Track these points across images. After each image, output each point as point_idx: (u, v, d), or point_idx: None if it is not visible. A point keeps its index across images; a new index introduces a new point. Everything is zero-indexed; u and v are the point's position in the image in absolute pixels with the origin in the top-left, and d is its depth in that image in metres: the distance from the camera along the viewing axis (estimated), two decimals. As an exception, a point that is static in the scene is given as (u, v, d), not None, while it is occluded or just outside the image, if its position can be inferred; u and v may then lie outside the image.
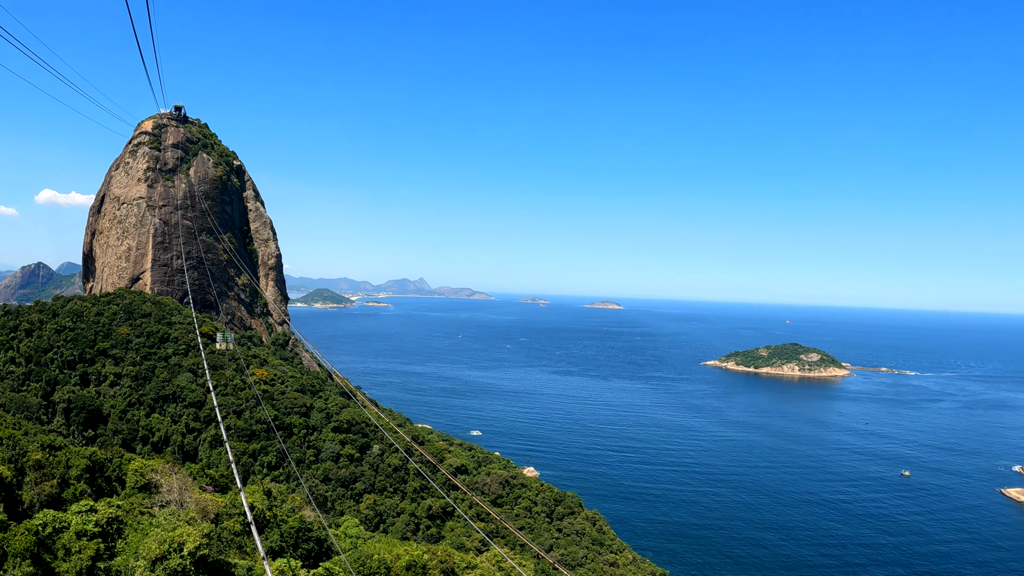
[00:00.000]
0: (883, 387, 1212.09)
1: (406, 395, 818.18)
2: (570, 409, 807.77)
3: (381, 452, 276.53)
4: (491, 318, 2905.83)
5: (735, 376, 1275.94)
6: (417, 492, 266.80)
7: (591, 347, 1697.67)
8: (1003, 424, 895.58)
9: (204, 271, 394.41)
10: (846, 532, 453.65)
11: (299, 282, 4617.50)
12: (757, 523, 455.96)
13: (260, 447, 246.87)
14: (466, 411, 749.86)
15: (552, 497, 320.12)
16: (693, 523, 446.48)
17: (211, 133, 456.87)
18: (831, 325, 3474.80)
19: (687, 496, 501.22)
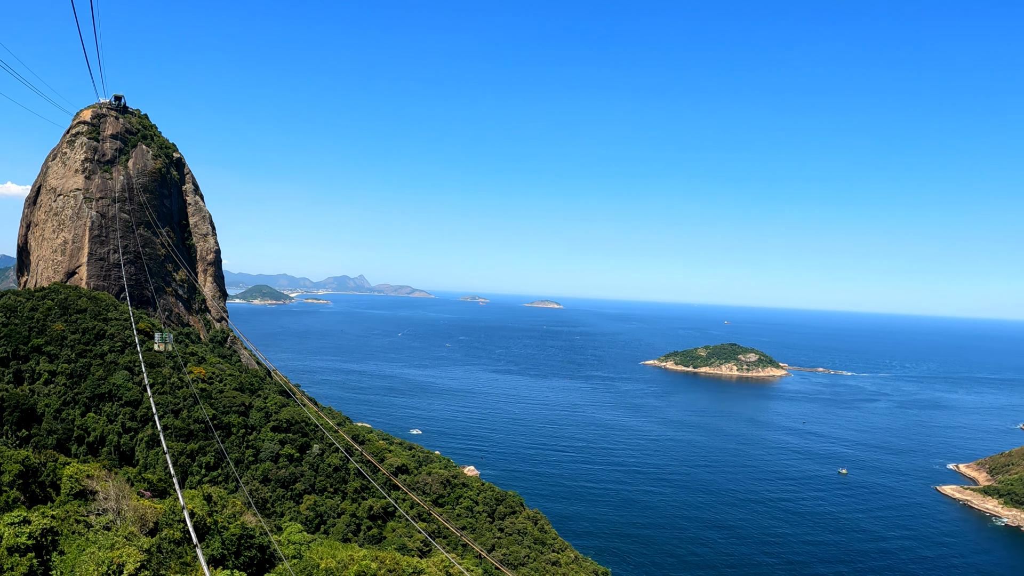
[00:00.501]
0: (820, 387, 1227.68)
1: (346, 393, 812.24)
2: (510, 408, 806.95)
3: (321, 452, 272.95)
4: (431, 316, 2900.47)
5: (674, 375, 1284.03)
6: (358, 492, 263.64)
7: (531, 346, 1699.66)
8: (937, 423, 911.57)
9: (142, 266, 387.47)
10: (787, 530, 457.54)
11: (238, 278, 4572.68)
12: (699, 522, 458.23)
13: (198, 447, 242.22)
14: (406, 410, 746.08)
15: (493, 497, 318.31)
16: (635, 522, 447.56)
17: (151, 124, 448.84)
18: (768, 326, 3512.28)
19: (628, 495, 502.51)
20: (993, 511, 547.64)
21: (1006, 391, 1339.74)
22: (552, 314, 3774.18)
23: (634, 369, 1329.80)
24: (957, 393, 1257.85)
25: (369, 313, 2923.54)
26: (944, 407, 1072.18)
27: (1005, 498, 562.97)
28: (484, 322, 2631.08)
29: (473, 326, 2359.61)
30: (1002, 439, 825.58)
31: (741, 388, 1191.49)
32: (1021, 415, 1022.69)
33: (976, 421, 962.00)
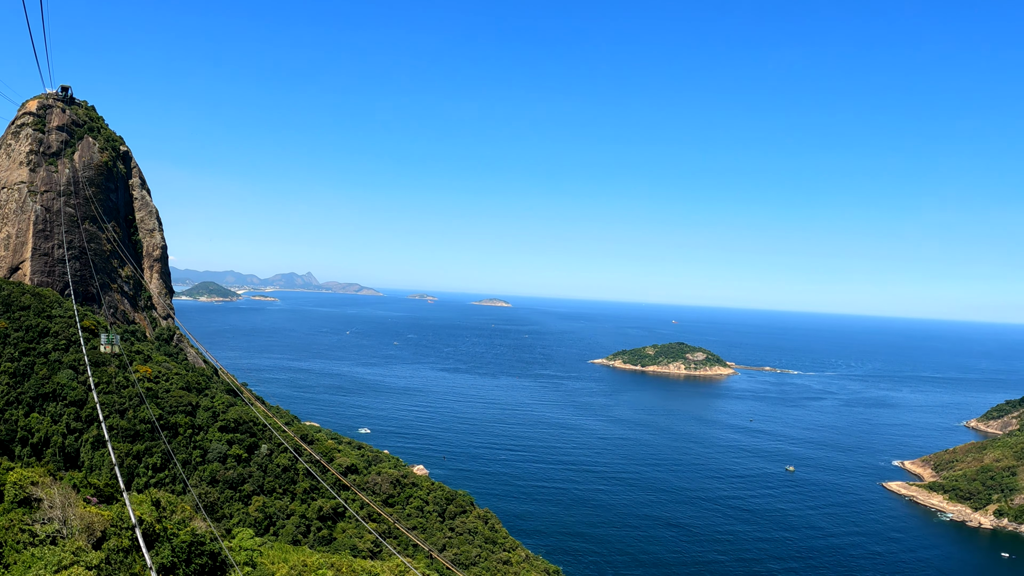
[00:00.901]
0: (767, 385, 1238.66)
1: (293, 392, 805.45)
2: (459, 407, 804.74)
3: (270, 452, 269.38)
4: (379, 314, 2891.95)
5: (623, 374, 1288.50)
6: (307, 493, 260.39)
7: (480, 344, 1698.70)
8: (882, 421, 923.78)
9: (87, 262, 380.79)
10: (738, 528, 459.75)
11: (184, 274, 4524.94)
12: (649, 520, 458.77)
13: (145, 448, 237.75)
14: (355, 409, 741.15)
15: (444, 496, 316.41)
16: (586, 521, 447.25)
17: (98, 116, 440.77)
18: (716, 325, 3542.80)
19: (579, 494, 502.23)
20: (938, 506, 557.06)
21: (949, 390, 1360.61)
22: (500, 312, 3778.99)
23: (582, 368, 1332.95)
24: (902, 392, 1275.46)
25: (317, 311, 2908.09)
26: (889, 405, 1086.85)
27: (950, 494, 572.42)
28: (433, 320, 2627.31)
29: (422, 324, 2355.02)
30: (946, 436, 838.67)
31: (689, 386, 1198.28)
32: (964, 413, 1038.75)
33: (920, 419, 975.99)
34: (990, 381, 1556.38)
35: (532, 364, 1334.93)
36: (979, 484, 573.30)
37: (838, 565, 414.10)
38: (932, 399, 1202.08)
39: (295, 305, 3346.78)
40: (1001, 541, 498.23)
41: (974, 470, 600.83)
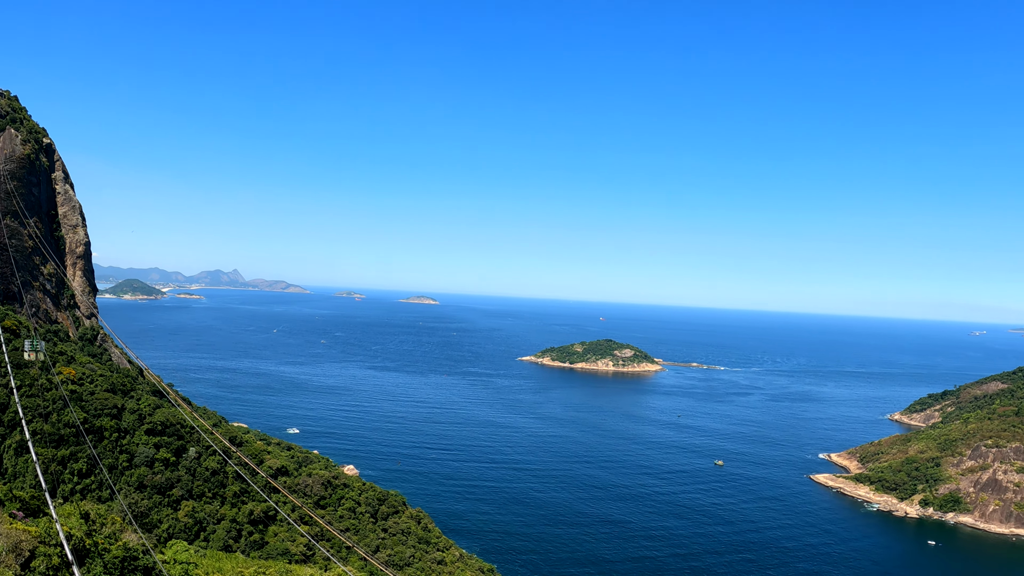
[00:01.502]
0: (695, 381, 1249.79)
1: (221, 392, 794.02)
2: (389, 405, 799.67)
3: (198, 455, 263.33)
4: (306, 312, 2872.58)
5: (551, 371, 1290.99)
6: (237, 496, 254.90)
7: (408, 342, 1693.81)
8: (808, 415, 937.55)
9: (8, 259, 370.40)
10: (670, 523, 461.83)
11: (108, 271, 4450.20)
12: (582, 517, 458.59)
13: (70, 453, 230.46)
14: (283, 408, 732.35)
15: (375, 497, 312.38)
16: (518, 519, 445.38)
17: (21, 107, 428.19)
18: (643, 322, 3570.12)
19: (511, 493, 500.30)
20: (865, 497, 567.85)
21: (873, 384, 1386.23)
22: (428, 310, 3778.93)
23: (511, 365, 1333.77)
24: (826, 386, 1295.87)
25: (243, 309, 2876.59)
26: (815, 399, 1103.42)
27: (876, 484, 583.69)
28: (360, 318, 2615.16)
29: (349, 322, 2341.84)
30: (871, 429, 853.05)
31: (617, 383, 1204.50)
32: (888, 406, 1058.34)
33: (845, 412, 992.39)
34: (912, 376, 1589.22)
35: (461, 362, 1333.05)
36: (904, 475, 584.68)
37: (772, 557, 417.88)
38: (856, 393, 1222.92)
39: (221, 303, 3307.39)
40: (927, 529, 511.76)
41: (899, 461, 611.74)
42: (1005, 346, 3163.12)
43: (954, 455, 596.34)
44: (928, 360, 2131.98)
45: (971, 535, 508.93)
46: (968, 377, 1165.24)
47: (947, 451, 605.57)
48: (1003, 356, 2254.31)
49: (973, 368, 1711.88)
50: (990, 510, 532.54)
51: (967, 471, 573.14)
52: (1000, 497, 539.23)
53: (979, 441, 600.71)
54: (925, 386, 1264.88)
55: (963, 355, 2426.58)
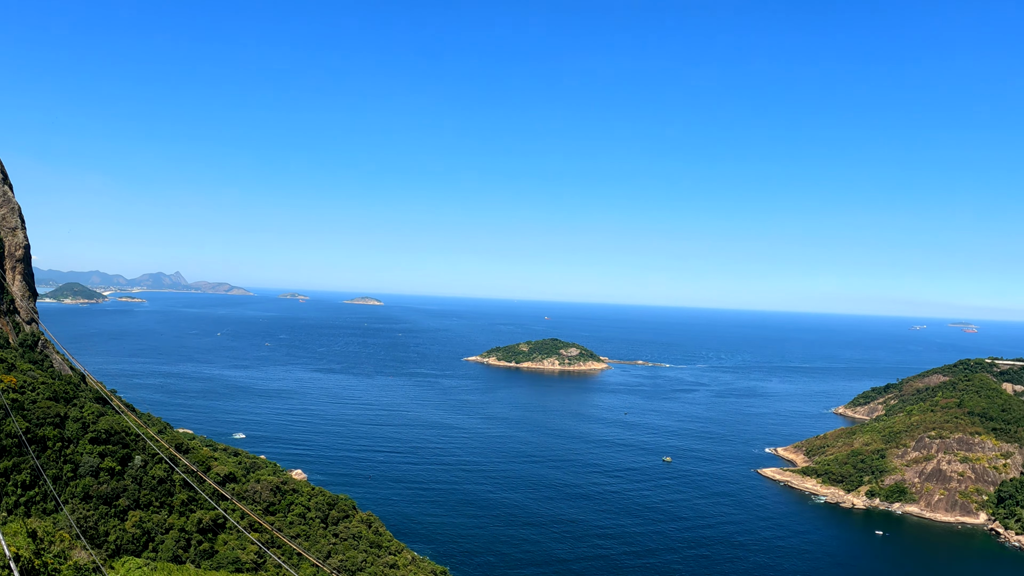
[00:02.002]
0: (641, 379, 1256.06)
1: (165, 397, 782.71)
2: (335, 408, 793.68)
3: (144, 463, 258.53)
4: (250, 314, 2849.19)
5: (497, 371, 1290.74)
6: (185, 505, 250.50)
7: (353, 344, 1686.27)
8: (754, 410, 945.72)
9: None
10: (620, 521, 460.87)
11: (48, 275, 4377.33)
12: (534, 517, 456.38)
13: (12, 464, 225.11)
14: (228, 413, 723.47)
15: (325, 501, 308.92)
16: (470, 521, 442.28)
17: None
18: (588, 320, 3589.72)
19: (462, 494, 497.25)
20: (813, 490, 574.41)
21: (817, 378, 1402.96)
22: (373, 311, 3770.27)
23: (457, 365, 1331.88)
24: (771, 381, 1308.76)
25: (186, 312, 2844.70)
26: (760, 395, 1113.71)
27: (823, 477, 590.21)
28: (305, 320, 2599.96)
29: (294, 324, 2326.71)
30: (816, 423, 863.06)
31: (564, 382, 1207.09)
32: (832, 400, 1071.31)
33: (791, 407, 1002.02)
34: (855, 370, 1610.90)
35: (407, 363, 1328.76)
36: (850, 467, 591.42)
37: (725, 552, 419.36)
38: (801, 388, 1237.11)
39: (164, 306, 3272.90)
40: (874, 520, 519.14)
41: (845, 454, 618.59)
42: (944, 340, 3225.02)
43: (899, 447, 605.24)
44: (870, 354, 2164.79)
45: (918, 524, 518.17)
46: (910, 370, 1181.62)
47: (892, 443, 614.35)
48: (943, 350, 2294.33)
49: (914, 362, 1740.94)
50: (935, 499, 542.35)
51: (912, 462, 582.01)
52: (945, 486, 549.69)
53: (923, 433, 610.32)
54: (868, 380, 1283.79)
55: (904, 349, 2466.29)
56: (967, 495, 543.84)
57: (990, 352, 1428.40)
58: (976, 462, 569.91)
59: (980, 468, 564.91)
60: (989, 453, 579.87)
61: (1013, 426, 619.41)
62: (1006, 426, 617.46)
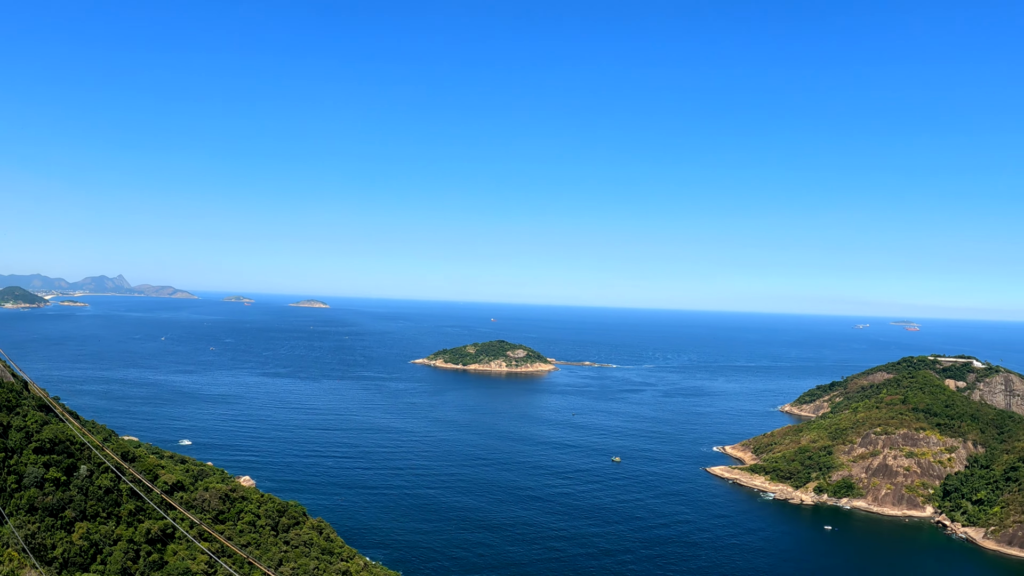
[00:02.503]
0: (588, 380, 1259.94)
1: (109, 404, 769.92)
2: (282, 413, 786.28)
3: (90, 473, 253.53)
4: (194, 318, 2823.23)
5: (445, 373, 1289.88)
6: (133, 515, 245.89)
7: (300, 347, 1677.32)
8: (701, 410, 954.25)
9: None
10: (571, 524, 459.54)
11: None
12: (486, 521, 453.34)
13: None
14: (173, 419, 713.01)
15: (275, 508, 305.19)
16: (421, 527, 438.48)
17: None
18: (534, 322, 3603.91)
19: (412, 499, 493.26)
20: (761, 487, 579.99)
21: (762, 377, 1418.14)
22: (319, 314, 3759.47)
23: (404, 368, 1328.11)
24: (718, 381, 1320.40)
25: (130, 316, 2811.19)
26: (707, 394, 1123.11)
27: (771, 474, 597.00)
28: (250, 323, 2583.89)
29: (239, 328, 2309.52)
30: (763, 421, 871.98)
31: (512, 383, 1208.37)
32: (778, 398, 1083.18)
33: (737, 405, 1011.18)
34: (800, 368, 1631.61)
35: (354, 366, 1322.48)
36: (798, 464, 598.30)
37: (677, 552, 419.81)
38: (747, 386, 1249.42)
39: (107, 310, 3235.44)
40: (823, 515, 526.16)
41: (792, 451, 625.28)
42: (888, 338, 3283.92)
43: (845, 443, 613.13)
44: (815, 353, 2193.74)
45: (866, 518, 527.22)
46: (854, 368, 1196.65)
47: (838, 439, 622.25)
48: (886, 348, 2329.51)
49: (859, 359, 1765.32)
50: (882, 493, 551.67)
51: (858, 458, 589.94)
52: (891, 481, 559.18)
53: (869, 429, 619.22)
54: (813, 378, 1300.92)
55: (849, 347, 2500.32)
56: (913, 489, 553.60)
57: (932, 350, 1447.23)
58: (922, 457, 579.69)
59: (926, 462, 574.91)
60: (934, 448, 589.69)
61: (957, 421, 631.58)
62: (950, 421, 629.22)
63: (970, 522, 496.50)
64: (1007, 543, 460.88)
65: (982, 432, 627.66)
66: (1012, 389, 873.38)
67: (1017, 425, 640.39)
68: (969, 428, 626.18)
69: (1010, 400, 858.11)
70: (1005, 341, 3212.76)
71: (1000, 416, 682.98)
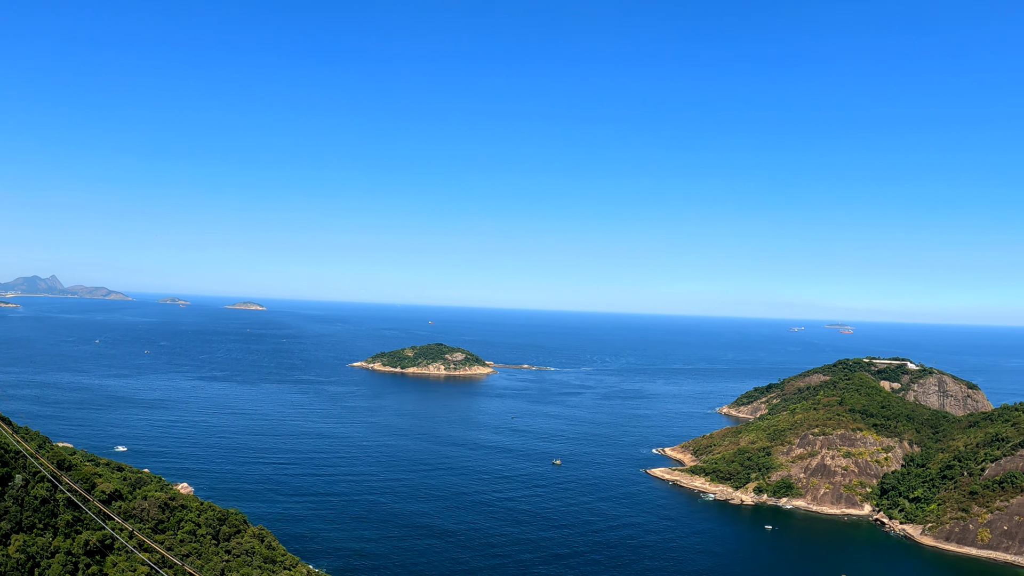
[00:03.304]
0: (527, 383, 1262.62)
1: (41, 409, 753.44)
2: (220, 418, 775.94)
3: (25, 482, 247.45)
4: (129, 320, 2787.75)
5: (383, 377, 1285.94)
6: (71, 525, 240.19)
7: (236, 350, 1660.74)
8: (641, 412, 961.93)
9: None
10: (518, 529, 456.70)
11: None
12: (430, 530, 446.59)
13: None
14: (108, 425, 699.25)
15: (216, 516, 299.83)
16: (364, 534, 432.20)
17: None
18: (472, 325, 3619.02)
19: (354, 506, 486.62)
20: (702, 488, 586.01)
21: (700, 379, 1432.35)
22: (255, 316, 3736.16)
23: (343, 372, 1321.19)
24: (656, 383, 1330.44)
25: (63, 318, 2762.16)
26: (645, 396, 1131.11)
27: (711, 475, 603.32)
28: (185, 326, 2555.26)
29: (174, 330, 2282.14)
30: (701, 423, 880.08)
31: (450, 387, 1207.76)
32: (716, 400, 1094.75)
33: (676, 408, 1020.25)
34: (737, 371, 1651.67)
35: (292, 369, 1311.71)
36: (738, 465, 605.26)
37: (621, 556, 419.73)
38: (685, 389, 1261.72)
39: (39, 312, 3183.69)
40: (763, 515, 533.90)
41: (732, 452, 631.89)
42: (822, 341, 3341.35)
43: (784, 444, 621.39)
44: (751, 355, 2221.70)
45: (805, 517, 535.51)
46: (790, 370, 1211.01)
47: (777, 440, 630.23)
48: (821, 350, 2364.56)
49: (794, 362, 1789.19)
50: (821, 493, 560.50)
51: (797, 458, 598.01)
52: (830, 480, 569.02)
53: (807, 430, 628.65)
54: (750, 380, 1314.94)
55: (784, 350, 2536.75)
56: (851, 488, 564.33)
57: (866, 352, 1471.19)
58: (859, 456, 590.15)
59: (863, 462, 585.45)
60: (871, 448, 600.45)
61: (892, 422, 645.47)
62: (886, 422, 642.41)
63: (908, 519, 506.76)
64: (945, 539, 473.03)
65: (917, 432, 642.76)
66: (945, 390, 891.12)
67: (951, 425, 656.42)
68: (905, 428, 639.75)
69: (943, 400, 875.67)
70: (935, 344, 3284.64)
71: (935, 416, 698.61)
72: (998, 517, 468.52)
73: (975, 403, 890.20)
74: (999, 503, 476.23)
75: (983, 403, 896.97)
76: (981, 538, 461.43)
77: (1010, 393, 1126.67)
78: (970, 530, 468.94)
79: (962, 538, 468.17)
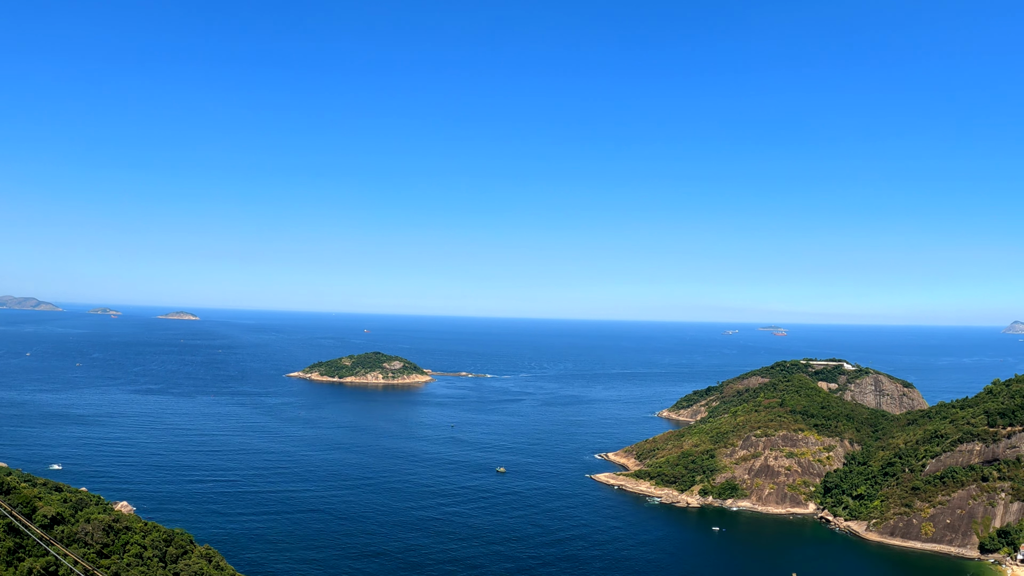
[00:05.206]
0: (466, 391, 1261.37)
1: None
2: (157, 433, 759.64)
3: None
4: (60, 331, 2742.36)
5: (321, 387, 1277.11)
6: (13, 553, 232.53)
7: (171, 362, 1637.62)
8: (582, 417, 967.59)
9: None
10: (463, 545, 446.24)
11: None
12: (376, 549, 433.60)
13: None
14: (42, 442, 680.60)
15: (161, 538, 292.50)
16: (309, 555, 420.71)
17: None
18: (408, 333, 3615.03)
19: (299, 527, 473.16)
20: (647, 492, 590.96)
21: (638, 384, 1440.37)
22: (189, 326, 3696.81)
23: (280, 382, 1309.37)
24: (595, 388, 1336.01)
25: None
26: (585, 402, 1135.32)
27: (656, 479, 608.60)
28: (118, 337, 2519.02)
29: (106, 341, 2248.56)
30: (642, 427, 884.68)
31: (389, 396, 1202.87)
32: (656, 404, 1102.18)
33: (617, 412, 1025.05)
34: (674, 374, 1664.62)
35: (228, 381, 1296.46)
36: (682, 468, 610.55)
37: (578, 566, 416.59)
38: (624, 393, 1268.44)
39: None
40: (709, 517, 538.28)
41: (676, 456, 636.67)
42: (757, 343, 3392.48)
43: (727, 446, 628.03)
44: (688, 359, 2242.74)
45: (752, 517, 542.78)
46: (728, 373, 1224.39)
47: (720, 443, 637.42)
48: (756, 352, 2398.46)
49: (731, 364, 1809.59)
50: (766, 493, 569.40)
51: (741, 460, 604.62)
52: (774, 481, 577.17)
53: (749, 432, 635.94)
54: (688, 383, 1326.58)
55: (720, 353, 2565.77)
56: (795, 487, 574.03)
57: (800, 353, 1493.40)
58: (801, 456, 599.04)
59: (806, 462, 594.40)
60: (813, 448, 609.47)
61: (833, 422, 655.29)
62: (826, 422, 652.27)
63: (852, 516, 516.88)
64: (889, 534, 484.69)
65: (858, 431, 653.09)
66: (882, 389, 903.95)
67: (890, 423, 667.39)
68: (845, 427, 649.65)
69: (880, 399, 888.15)
70: (866, 344, 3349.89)
71: (873, 415, 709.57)
72: (940, 511, 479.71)
73: (911, 401, 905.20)
74: (941, 497, 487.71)
75: (919, 401, 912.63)
76: (925, 532, 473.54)
77: (944, 391, 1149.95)
78: (914, 525, 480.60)
79: (906, 533, 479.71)
